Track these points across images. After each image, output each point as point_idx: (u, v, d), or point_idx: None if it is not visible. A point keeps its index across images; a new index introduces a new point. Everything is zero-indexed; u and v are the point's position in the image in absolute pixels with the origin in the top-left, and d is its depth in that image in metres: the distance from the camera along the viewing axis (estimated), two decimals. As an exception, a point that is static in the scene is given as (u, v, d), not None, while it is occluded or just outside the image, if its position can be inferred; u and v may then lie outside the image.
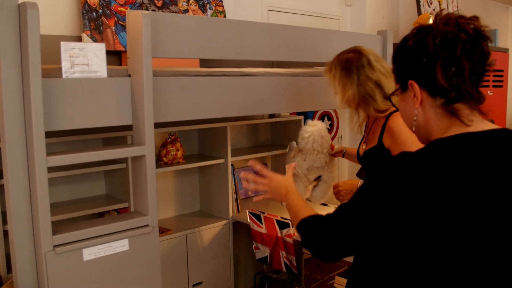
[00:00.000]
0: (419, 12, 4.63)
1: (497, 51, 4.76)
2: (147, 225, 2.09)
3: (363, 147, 2.19)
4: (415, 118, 1.15)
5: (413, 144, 1.92)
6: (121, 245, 1.99)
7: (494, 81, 4.68)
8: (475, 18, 1.09)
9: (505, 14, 7.27)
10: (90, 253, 1.91)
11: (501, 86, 4.79)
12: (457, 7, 5.16)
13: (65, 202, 2.92)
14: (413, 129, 1.18)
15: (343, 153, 2.64)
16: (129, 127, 2.66)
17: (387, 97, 1.35)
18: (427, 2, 4.74)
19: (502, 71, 4.76)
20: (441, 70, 1.05)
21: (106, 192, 3.11)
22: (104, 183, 3.11)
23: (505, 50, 4.88)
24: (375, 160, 2.03)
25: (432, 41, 1.06)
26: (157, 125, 2.80)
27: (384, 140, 1.99)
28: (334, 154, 2.68)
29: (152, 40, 2.05)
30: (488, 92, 4.63)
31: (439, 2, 4.91)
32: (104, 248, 1.95)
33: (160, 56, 2.14)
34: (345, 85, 2.04)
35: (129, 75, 2.12)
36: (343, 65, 2.04)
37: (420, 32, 1.10)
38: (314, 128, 2.56)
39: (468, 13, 1.15)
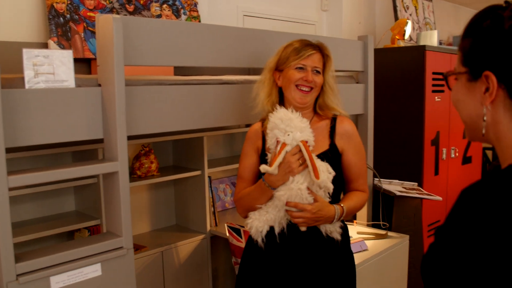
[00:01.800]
0: (396, 18, 4.58)
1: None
2: (121, 247, 1.93)
3: None
4: (484, 118, 0.93)
5: (362, 147, 2.05)
6: (93, 271, 1.82)
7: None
8: None
9: (477, 19, 7.30)
10: (58, 281, 1.74)
11: (478, 91, 4.76)
12: (433, 12, 5.13)
13: (31, 221, 2.73)
14: (483, 131, 0.95)
15: None
16: (100, 140, 2.50)
17: (444, 74, 1.03)
18: (404, 7, 4.69)
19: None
20: None
21: (76, 208, 2.92)
22: (73, 199, 2.92)
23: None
24: (332, 163, 1.91)
25: None
26: (130, 137, 2.64)
27: (337, 143, 2.00)
28: None
29: (124, 47, 1.90)
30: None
31: (415, 7, 4.86)
32: (74, 275, 1.78)
33: (133, 64, 1.98)
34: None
35: (99, 85, 1.95)
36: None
37: None
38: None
39: (443, 20, 0.97)
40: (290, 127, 1.81)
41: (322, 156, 1.93)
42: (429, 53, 4.04)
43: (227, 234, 3.02)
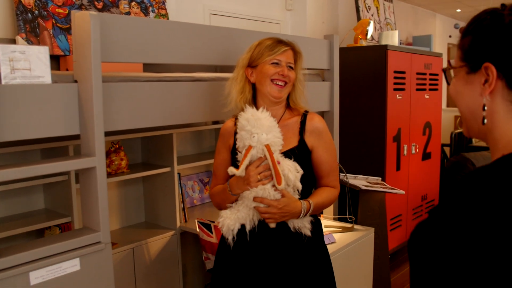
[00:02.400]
0: (359, 18, 4.70)
1: (433, 55, 4.90)
2: (99, 242, 1.94)
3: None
4: (484, 107, 0.97)
5: (333, 143, 2.08)
6: (71, 265, 1.83)
7: (430, 84, 4.82)
8: None
9: (433, 20, 7.56)
10: (37, 276, 1.74)
11: (436, 90, 4.94)
12: (393, 13, 5.29)
13: (0, 219, 2.69)
14: (484, 121, 0.99)
15: None
16: (69, 137, 2.49)
17: (443, 69, 1.09)
18: (366, 7, 4.82)
19: (437, 74, 4.91)
20: None
21: (46, 206, 2.90)
22: (43, 197, 2.90)
23: (440, 55, 5.04)
24: (300, 160, 1.94)
25: None
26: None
27: (306, 140, 2.01)
28: None
29: (101, 44, 1.91)
30: (425, 95, 4.75)
31: (377, 8, 5.00)
32: (53, 270, 1.78)
33: (109, 61, 2.00)
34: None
35: (76, 81, 1.96)
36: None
37: None
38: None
39: (402, 20, 1.04)
40: (256, 128, 1.83)
41: (289, 153, 1.94)
42: (391, 53, 4.17)
43: (198, 230, 3.05)
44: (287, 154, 1.93)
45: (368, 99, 4.27)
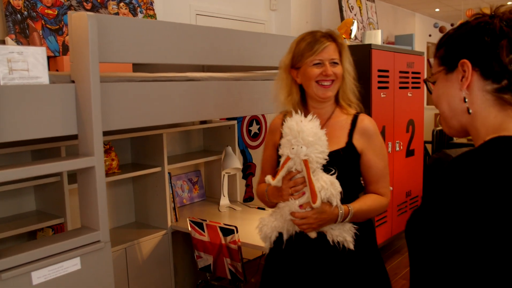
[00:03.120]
0: (342, 18, 4.76)
1: (415, 54, 4.99)
2: (98, 241, 1.96)
3: None
4: (465, 100, 1.07)
5: (385, 147, 1.95)
6: (72, 265, 1.84)
7: (413, 82, 4.90)
8: None
9: (412, 19, 7.68)
10: (39, 275, 1.75)
11: (418, 88, 5.03)
12: (376, 13, 5.37)
13: (-9, 222, 2.68)
14: (469, 111, 1.07)
15: None
16: (61, 138, 2.49)
17: (424, 80, 1.17)
18: (349, 8, 4.89)
19: (419, 73, 5.00)
20: (507, 49, 1.00)
21: (37, 208, 2.89)
22: (33, 199, 2.89)
23: (421, 54, 5.13)
24: (345, 162, 1.86)
25: (499, 22, 1.02)
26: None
27: (355, 142, 1.88)
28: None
29: (99, 44, 1.93)
30: (408, 93, 4.84)
31: (359, 8, 5.07)
32: (55, 269, 1.79)
33: (107, 61, 2.01)
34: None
35: (73, 81, 1.97)
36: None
37: (482, 16, 1.06)
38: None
39: (383, 19, 1.13)
40: (297, 141, 1.72)
41: (334, 154, 1.83)
42: (375, 52, 4.24)
43: (189, 228, 3.07)
44: (332, 155, 1.80)
45: (353, 98, 4.32)
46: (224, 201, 3.76)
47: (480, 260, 0.90)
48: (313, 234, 1.79)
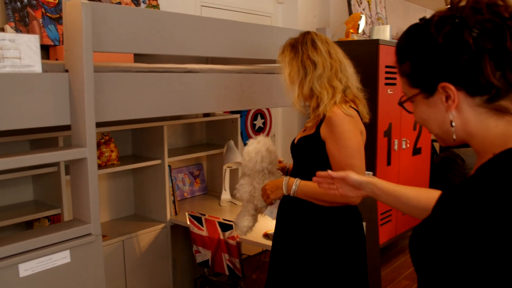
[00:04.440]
0: (350, 12, 4.69)
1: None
2: (89, 234, 1.92)
3: (301, 133, 2.15)
4: (452, 123, 0.98)
5: (351, 138, 1.95)
6: (61, 257, 1.81)
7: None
8: (505, 2, 0.93)
9: (424, 16, 7.56)
10: (27, 268, 1.71)
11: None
12: (385, 8, 5.28)
13: (-12, 211, 2.66)
14: (454, 137, 1.00)
15: (286, 171, 2.44)
16: (59, 128, 2.45)
17: (399, 103, 1.08)
18: (357, 1, 4.81)
19: (428, 70, 4.92)
20: (490, 65, 0.90)
21: (35, 198, 2.86)
22: (31, 188, 2.86)
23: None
24: (308, 148, 2.04)
25: (470, 35, 0.91)
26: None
27: (321, 130, 1.98)
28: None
29: (93, 33, 1.88)
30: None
31: (368, 2, 4.99)
32: (43, 262, 1.76)
33: (101, 50, 1.96)
34: (290, 63, 2.07)
35: (67, 71, 1.93)
36: (292, 44, 2.11)
37: (444, 23, 0.94)
38: (260, 145, 2.26)
39: (392, 15, 1.03)
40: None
41: (301, 140, 2.08)
42: (382, 47, 4.17)
43: (188, 223, 3.04)
44: (302, 140, 2.07)
45: (359, 94, 4.26)
46: (225, 195, 3.72)
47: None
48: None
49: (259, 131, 4.60)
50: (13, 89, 1.76)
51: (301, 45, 2.06)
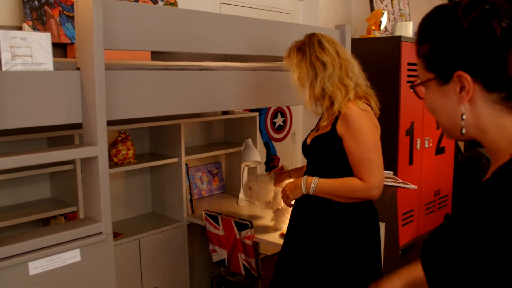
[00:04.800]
0: (372, 8, 4.61)
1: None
2: (100, 233, 1.91)
3: (314, 133, 2.17)
4: (463, 116, 0.92)
5: (368, 132, 1.97)
6: (71, 256, 1.80)
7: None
8: None
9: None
10: (36, 266, 1.71)
11: (451, 82, 4.84)
12: (408, 4, 5.18)
13: (6, 208, 2.69)
14: (463, 131, 0.94)
15: (288, 175, 2.67)
16: (76, 126, 2.45)
17: (411, 86, 1.02)
18: (380, -2, 4.73)
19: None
20: None
21: (52, 195, 2.88)
22: (49, 186, 2.88)
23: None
24: (325, 147, 2.05)
25: (499, 24, 0.83)
26: (107, 122, 2.61)
27: (337, 127, 2.00)
28: (281, 177, 2.75)
29: (104, 31, 1.87)
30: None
31: (391, -2, 4.91)
32: (53, 260, 1.75)
33: (113, 48, 1.95)
34: (298, 65, 2.08)
35: (78, 69, 1.92)
36: (298, 47, 2.12)
37: (473, 7, 0.86)
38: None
39: (416, 12, 0.95)
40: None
41: (316, 138, 2.09)
42: (405, 44, 4.08)
43: (204, 221, 3.02)
44: (317, 138, 2.08)
45: (380, 92, 4.17)
46: (243, 194, 3.69)
47: None
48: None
49: (279, 129, 4.56)
50: (25, 87, 1.75)
51: (308, 47, 2.07)
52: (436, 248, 0.91)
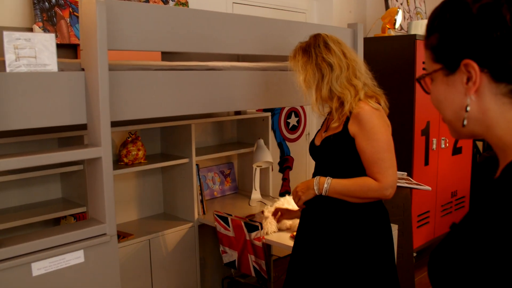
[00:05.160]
0: (387, 6, 4.55)
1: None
2: (104, 234, 1.90)
3: (323, 134, 2.14)
4: (467, 108, 0.87)
5: (381, 131, 1.96)
6: (75, 257, 1.80)
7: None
8: None
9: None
10: (40, 267, 1.71)
11: (468, 81, 4.76)
12: (424, 1, 5.10)
13: (18, 208, 2.70)
14: (464, 122, 0.89)
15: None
16: (85, 126, 2.47)
17: (417, 79, 0.98)
18: (395, -5, 4.66)
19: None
20: None
21: (63, 195, 2.90)
22: (60, 186, 2.89)
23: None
24: (336, 147, 2.03)
25: (508, 10, 0.80)
26: (117, 124, 2.61)
27: (350, 127, 1.98)
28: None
29: (108, 31, 1.86)
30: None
31: (406, -4, 4.84)
32: (56, 261, 1.75)
33: (117, 49, 1.95)
34: (304, 67, 2.06)
35: (83, 69, 1.92)
36: (303, 49, 2.09)
37: None
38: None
39: (433, 7, 0.93)
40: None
41: (327, 139, 2.06)
42: (420, 43, 4.02)
43: (215, 223, 3.00)
44: (328, 139, 2.05)
45: (395, 91, 4.12)
46: (256, 195, 3.67)
47: None
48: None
49: (293, 129, 4.53)
50: (29, 88, 1.76)
51: (314, 48, 2.05)
52: (442, 260, 0.87)
